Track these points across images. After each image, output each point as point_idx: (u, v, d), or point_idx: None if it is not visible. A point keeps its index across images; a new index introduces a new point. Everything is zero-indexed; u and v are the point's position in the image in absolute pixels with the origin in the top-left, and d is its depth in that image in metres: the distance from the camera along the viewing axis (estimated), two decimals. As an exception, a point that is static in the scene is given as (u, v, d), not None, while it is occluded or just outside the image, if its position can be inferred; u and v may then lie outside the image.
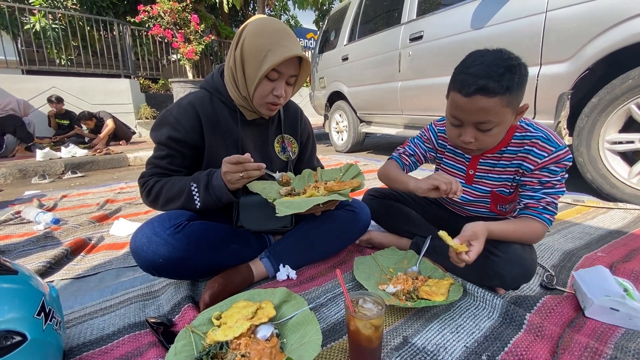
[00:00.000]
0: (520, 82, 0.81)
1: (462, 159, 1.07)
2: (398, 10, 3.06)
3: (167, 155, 1.00)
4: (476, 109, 0.82)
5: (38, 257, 1.28)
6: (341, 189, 0.98)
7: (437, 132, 1.13)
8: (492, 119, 0.83)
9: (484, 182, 1.04)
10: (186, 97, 1.03)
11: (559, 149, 0.89)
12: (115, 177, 3.20)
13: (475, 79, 0.80)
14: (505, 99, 0.80)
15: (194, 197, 0.96)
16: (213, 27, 8.14)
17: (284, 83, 0.97)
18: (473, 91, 0.80)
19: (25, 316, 0.60)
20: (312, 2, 6.15)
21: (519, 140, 0.94)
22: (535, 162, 0.91)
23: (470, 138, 0.88)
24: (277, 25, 0.94)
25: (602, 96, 1.72)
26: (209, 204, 0.96)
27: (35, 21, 5.65)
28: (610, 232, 1.39)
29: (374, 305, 0.68)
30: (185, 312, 0.87)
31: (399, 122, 3.36)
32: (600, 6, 1.64)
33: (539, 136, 0.91)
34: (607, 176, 1.77)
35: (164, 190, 0.98)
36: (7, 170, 3.14)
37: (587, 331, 0.78)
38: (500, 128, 0.86)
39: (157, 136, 1.01)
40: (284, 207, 0.87)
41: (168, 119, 0.99)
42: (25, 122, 4.22)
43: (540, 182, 0.92)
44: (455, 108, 0.87)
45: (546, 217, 0.91)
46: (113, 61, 6.19)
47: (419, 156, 1.15)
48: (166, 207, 1.00)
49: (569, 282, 1.00)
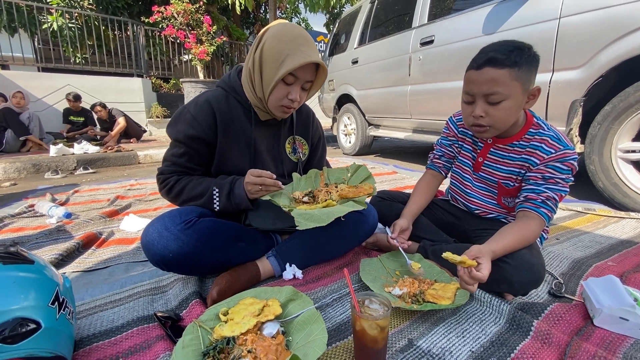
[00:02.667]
0: (530, 61, 0.87)
1: (476, 147, 1.12)
2: (409, 15, 3.06)
3: (185, 153, 1.03)
4: (485, 80, 0.88)
5: (51, 250, 1.31)
6: (356, 196, 0.98)
7: (456, 122, 1.19)
8: (500, 89, 0.87)
9: (490, 172, 1.08)
10: (203, 95, 1.06)
11: (566, 148, 0.92)
12: (125, 174, 3.25)
13: (486, 53, 0.89)
14: (514, 72, 0.85)
15: (214, 201, 1.01)
16: (225, 29, 8.25)
17: (299, 88, 0.99)
18: (483, 62, 0.88)
19: (40, 305, 0.62)
20: (323, 5, 6.19)
21: (531, 135, 0.98)
22: (542, 157, 0.94)
23: (481, 112, 0.92)
24: (298, 32, 0.97)
25: (615, 104, 1.70)
26: (227, 209, 1.02)
27: (52, 20, 5.79)
28: (621, 242, 1.37)
29: (380, 306, 0.68)
30: (193, 307, 0.88)
31: (408, 126, 3.36)
32: (615, 13, 1.62)
33: (550, 135, 0.95)
34: (620, 185, 1.74)
35: (185, 190, 1.02)
36: (21, 165, 3.22)
37: (596, 340, 0.77)
38: (509, 103, 0.89)
39: (174, 133, 1.03)
40: (304, 220, 0.87)
41: (185, 116, 1.01)
42: (27, 115, 4.28)
43: (543, 177, 0.94)
44: (467, 83, 0.94)
45: (544, 212, 0.92)
46: (126, 60, 6.30)
47: (448, 154, 1.22)
48: (185, 204, 1.04)
49: (578, 290, 0.99)
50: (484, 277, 0.77)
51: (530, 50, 0.88)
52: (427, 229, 1.21)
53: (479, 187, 1.13)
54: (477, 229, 1.15)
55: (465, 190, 1.18)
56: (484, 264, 0.79)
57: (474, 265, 0.78)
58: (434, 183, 1.26)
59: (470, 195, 1.16)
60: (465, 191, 1.17)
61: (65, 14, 5.88)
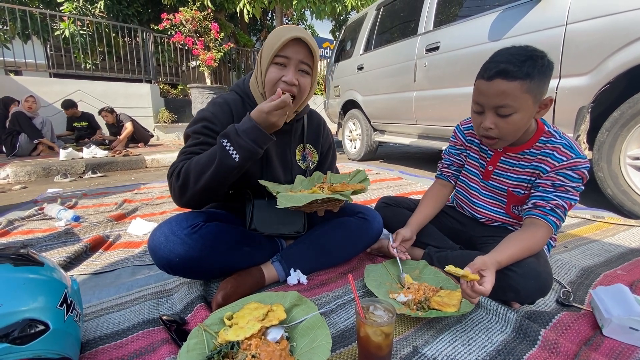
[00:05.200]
0: (543, 72, 0.84)
1: (485, 155, 1.10)
2: (415, 22, 3.08)
3: (202, 142, 0.97)
4: (495, 92, 0.85)
5: (59, 252, 1.33)
6: (344, 190, 0.98)
7: (463, 131, 1.18)
8: (510, 102, 0.85)
9: (500, 180, 1.06)
10: (220, 97, 1.07)
11: (578, 156, 0.90)
12: (132, 178, 3.29)
13: (497, 63, 0.85)
14: (526, 85, 0.82)
15: (230, 152, 0.86)
16: (232, 36, 8.36)
17: (293, 69, 0.96)
18: (493, 74, 0.84)
19: (49, 306, 0.62)
20: (329, 12, 6.24)
21: (542, 144, 0.96)
22: (553, 164, 0.93)
23: (490, 124, 0.90)
24: (290, 26, 0.99)
25: (624, 110, 1.68)
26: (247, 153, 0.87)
27: (64, 27, 5.93)
28: (631, 250, 1.35)
29: (384, 312, 0.68)
30: (198, 311, 0.89)
31: (413, 132, 3.35)
32: (623, 19, 1.61)
33: (562, 143, 0.93)
34: (629, 192, 1.72)
35: (192, 165, 0.90)
36: (32, 169, 3.28)
37: (605, 350, 0.75)
38: (520, 116, 0.87)
39: (192, 129, 1.00)
40: (285, 200, 0.88)
41: (204, 115, 1.01)
42: (40, 120, 4.37)
43: (553, 184, 0.92)
44: (477, 94, 0.91)
45: (552, 220, 0.90)
46: (135, 66, 6.42)
47: (457, 163, 1.21)
48: (199, 184, 0.89)
49: (587, 299, 0.97)
50: (487, 291, 0.76)
51: (544, 58, 0.85)
52: (433, 235, 1.20)
53: (486, 195, 1.12)
54: (483, 236, 1.14)
55: (472, 199, 1.17)
56: (488, 277, 0.77)
57: (476, 279, 0.77)
58: (443, 192, 1.25)
59: (478, 205, 1.15)
60: (472, 200, 1.16)
61: (77, 22, 6.03)
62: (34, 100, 4.34)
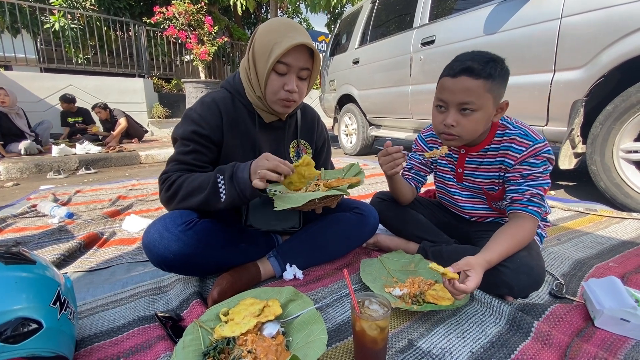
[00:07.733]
0: (502, 75, 0.89)
1: (451, 159, 1.13)
2: (410, 15, 3.06)
3: (193, 150, 0.97)
4: (460, 89, 0.89)
5: (53, 250, 1.32)
6: (340, 185, 0.98)
7: (425, 139, 1.23)
8: (474, 100, 0.88)
9: (472, 180, 1.09)
10: (209, 95, 1.04)
11: (536, 142, 0.93)
12: (127, 175, 3.26)
13: (462, 62, 0.89)
14: (488, 85, 0.87)
15: (220, 191, 0.88)
16: (226, 29, 8.27)
17: (294, 77, 0.96)
18: (459, 71, 0.88)
19: (42, 305, 0.62)
20: (324, 6, 6.18)
21: (499, 137, 1.00)
22: (515, 157, 0.96)
23: (452, 121, 0.93)
24: (285, 21, 0.96)
25: (617, 104, 1.69)
26: (233, 199, 0.89)
27: (54, 21, 5.81)
28: (623, 243, 1.37)
29: (380, 306, 0.68)
30: (194, 308, 0.88)
31: (409, 126, 3.35)
32: (617, 13, 1.62)
33: (517, 133, 0.97)
34: (621, 185, 1.74)
35: (185, 183, 0.92)
36: (24, 165, 3.24)
37: (597, 341, 0.76)
38: (480, 115, 0.91)
39: (180, 133, 0.99)
40: (282, 202, 0.87)
41: (192, 116, 0.99)
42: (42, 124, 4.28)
43: (522, 175, 0.95)
44: (441, 90, 0.94)
45: (533, 210, 0.92)
46: (128, 61, 6.33)
47: (418, 167, 1.24)
48: (184, 203, 0.93)
49: (579, 291, 0.99)
50: (468, 289, 0.76)
51: (504, 63, 0.91)
52: (428, 229, 1.21)
53: (467, 196, 1.14)
54: (477, 231, 1.15)
55: (456, 203, 1.18)
56: (472, 277, 0.77)
57: (455, 278, 0.77)
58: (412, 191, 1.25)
59: (463, 207, 1.17)
60: (457, 203, 1.18)
61: (67, 15, 5.91)
62: (5, 93, 3.78)
